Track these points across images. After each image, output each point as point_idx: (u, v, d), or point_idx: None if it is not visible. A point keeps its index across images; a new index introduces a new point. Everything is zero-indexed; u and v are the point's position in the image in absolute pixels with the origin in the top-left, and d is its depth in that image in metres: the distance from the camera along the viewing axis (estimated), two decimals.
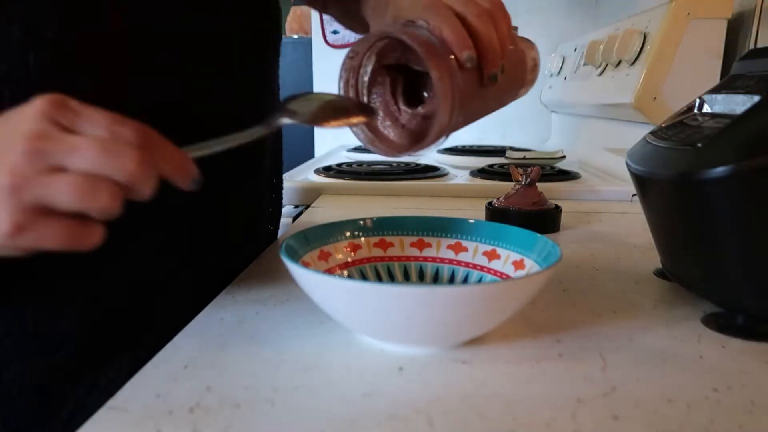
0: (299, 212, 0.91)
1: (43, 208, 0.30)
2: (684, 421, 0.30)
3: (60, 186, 0.30)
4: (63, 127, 0.31)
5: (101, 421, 0.30)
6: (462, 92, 0.42)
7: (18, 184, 0.29)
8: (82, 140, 0.30)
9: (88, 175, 0.30)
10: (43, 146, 0.30)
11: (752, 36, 0.86)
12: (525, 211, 0.72)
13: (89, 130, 0.31)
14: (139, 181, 0.31)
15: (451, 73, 0.41)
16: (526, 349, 0.39)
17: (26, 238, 0.30)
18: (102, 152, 0.30)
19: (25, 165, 0.29)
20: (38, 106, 0.31)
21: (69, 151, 0.30)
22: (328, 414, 0.31)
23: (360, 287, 0.35)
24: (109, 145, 0.30)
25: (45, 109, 0.31)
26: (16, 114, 0.32)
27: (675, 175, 0.41)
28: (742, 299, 0.41)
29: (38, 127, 0.30)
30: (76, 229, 0.31)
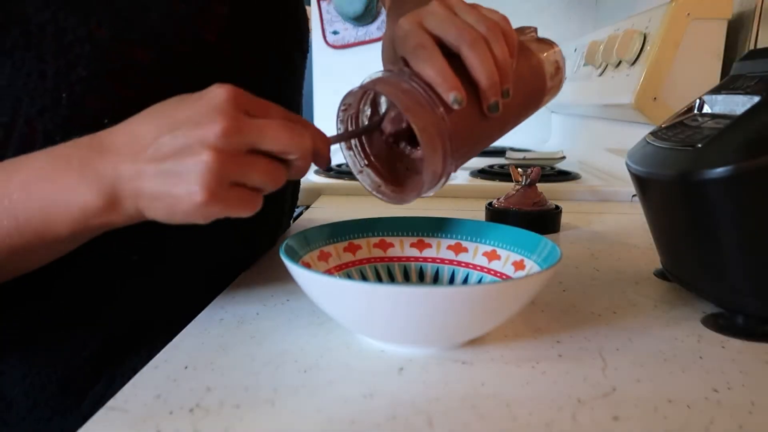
0: (299, 212, 0.91)
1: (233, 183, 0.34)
2: (684, 421, 0.30)
3: (254, 169, 0.34)
4: (246, 111, 0.35)
5: (101, 421, 0.30)
6: (453, 136, 0.39)
7: (219, 160, 0.33)
8: (270, 123, 0.35)
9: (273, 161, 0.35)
10: (239, 126, 0.33)
11: (752, 36, 0.86)
12: (525, 212, 0.72)
13: (268, 114, 0.36)
14: (309, 156, 0.36)
15: (436, 122, 0.38)
16: (526, 350, 0.39)
17: (215, 209, 0.34)
18: (288, 134, 0.35)
19: (224, 143, 0.33)
20: (223, 93, 0.34)
21: (261, 132, 0.34)
22: (328, 414, 0.31)
23: (360, 287, 0.35)
24: (290, 127, 0.35)
25: (230, 95, 0.34)
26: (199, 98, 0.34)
27: (675, 175, 0.41)
28: (742, 299, 0.41)
29: (231, 111, 0.33)
30: (253, 199, 0.36)
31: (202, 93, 0.35)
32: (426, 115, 0.38)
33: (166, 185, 0.33)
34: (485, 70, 0.39)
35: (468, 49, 0.39)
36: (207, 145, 0.32)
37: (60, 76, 0.41)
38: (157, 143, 0.33)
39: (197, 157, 0.32)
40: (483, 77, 0.39)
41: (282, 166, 0.36)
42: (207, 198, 0.33)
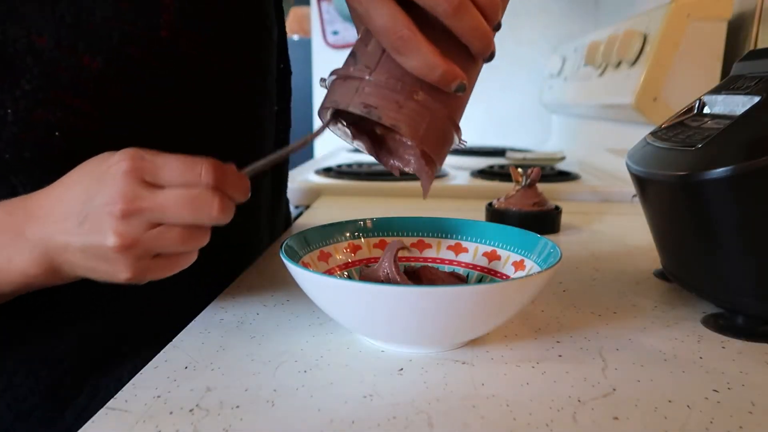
0: (299, 213, 0.91)
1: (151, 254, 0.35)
2: (684, 421, 0.30)
3: (166, 241, 0.35)
4: (148, 183, 0.34)
5: (102, 421, 0.30)
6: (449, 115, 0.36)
7: (128, 244, 0.33)
8: (170, 197, 0.34)
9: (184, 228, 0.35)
10: (139, 207, 0.33)
11: (752, 37, 0.86)
12: (525, 212, 0.72)
13: (171, 180, 0.34)
14: (222, 219, 0.35)
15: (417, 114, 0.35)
16: (526, 350, 0.39)
17: (146, 279, 0.36)
18: (189, 207, 0.34)
19: (128, 227, 0.33)
20: (121, 165, 0.34)
21: (161, 210, 0.34)
22: (328, 414, 0.31)
23: (360, 288, 0.35)
24: (194, 199, 0.34)
25: (128, 167, 0.34)
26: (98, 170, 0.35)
27: (675, 175, 0.41)
28: (742, 299, 0.41)
29: (128, 189, 0.33)
30: (181, 259, 0.37)
31: (108, 161, 0.35)
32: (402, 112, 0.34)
33: (94, 264, 0.35)
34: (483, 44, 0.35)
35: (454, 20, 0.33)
36: (110, 229, 0.33)
37: (3, 92, 0.39)
38: (73, 218, 0.34)
39: (106, 243, 0.33)
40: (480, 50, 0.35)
41: (197, 229, 0.35)
42: (130, 276, 0.35)
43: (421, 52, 0.33)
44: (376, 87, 0.35)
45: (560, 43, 1.60)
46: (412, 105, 0.35)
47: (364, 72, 0.35)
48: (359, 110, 0.34)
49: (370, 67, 0.35)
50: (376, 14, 0.33)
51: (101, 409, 0.31)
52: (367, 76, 0.35)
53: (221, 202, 0.35)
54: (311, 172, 1.17)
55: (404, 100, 0.34)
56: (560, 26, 1.74)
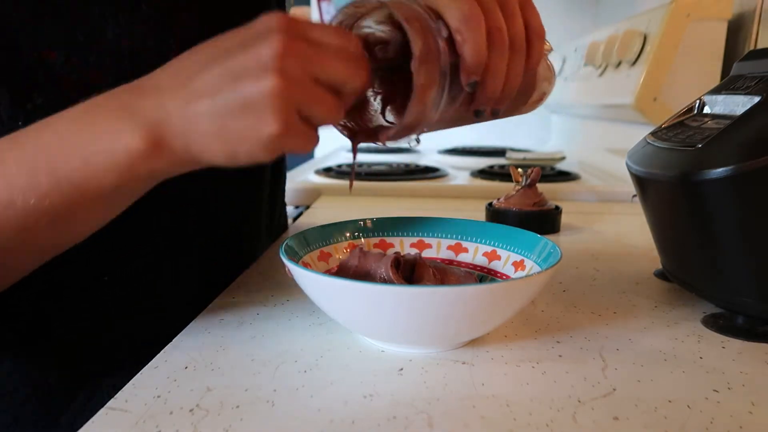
0: (299, 213, 0.91)
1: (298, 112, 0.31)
2: (684, 421, 0.30)
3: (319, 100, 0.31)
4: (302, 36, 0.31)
5: (102, 421, 0.30)
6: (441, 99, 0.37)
7: (287, 86, 0.30)
8: (327, 49, 0.31)
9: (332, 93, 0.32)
10: (302, 47, 0.30)
11: (752, 37, 0.86)
12: (525, 212, 0.72)
13: (327, 39, 0.32)
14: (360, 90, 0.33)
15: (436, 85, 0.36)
16: (526, 350, 0.39)
17: (287, 143, 0.31)
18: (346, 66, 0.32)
19: (290, 65, 0.30)
20: (273, 18, 0.31)
21: (322, 59, 0.31)
22: (328, 414, 0.31)
23: (360, 287, 0.35)
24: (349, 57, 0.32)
25: (282, 19, 0.31)
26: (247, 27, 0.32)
27: (675, 175, 0.41)
28: (742, 299, 0.41)
29: (287, 32, 0.30)
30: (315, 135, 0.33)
31: (249, 25, 0.31)
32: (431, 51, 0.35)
33: (225, 120, 0.30)
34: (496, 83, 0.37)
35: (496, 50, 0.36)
36: (270, 67, 0.29)
37: (15, 105, 0.39)
38: (206, 73, 0.30)
39: (261, 84, 0.29)
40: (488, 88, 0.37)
41: (339, 100, 0.33)
42: (281, 129, 0.30)
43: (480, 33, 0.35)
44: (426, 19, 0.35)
45: (560, 43, 1.60)
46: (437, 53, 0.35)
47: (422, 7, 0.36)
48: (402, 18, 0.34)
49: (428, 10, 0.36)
50: None
51: (101, 409, 0.31)
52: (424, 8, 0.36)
53: (367, 70, 0.33)
54: (311, 172, 1.17)
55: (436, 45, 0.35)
56: (560, 26, 1.74)
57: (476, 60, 0.35)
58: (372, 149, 1.55)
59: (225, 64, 0.30)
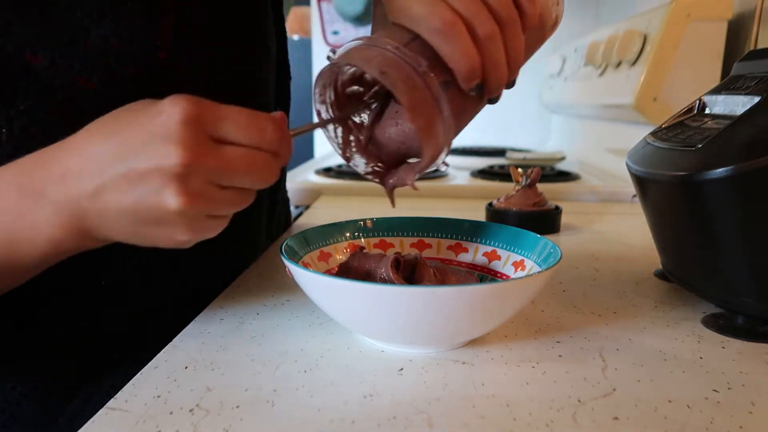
0: (299, 213, 0.91)
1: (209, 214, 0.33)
2: (684, 421, 0.30)
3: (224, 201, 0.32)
4: (208, 135, 0.31)
5: (102, 421, 0.30)
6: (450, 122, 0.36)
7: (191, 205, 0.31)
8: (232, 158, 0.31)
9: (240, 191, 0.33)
10: (203, 163, 0.30)
11: (752, 37, 0.86)
12: (525, 212, 0.72)
13: (236, 136, 0.32)
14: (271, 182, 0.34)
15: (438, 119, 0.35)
16: (526, 350, 0.39)
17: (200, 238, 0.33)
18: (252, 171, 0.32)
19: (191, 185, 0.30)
20: (176, 112, 0.30)
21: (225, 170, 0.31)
22: (328, 414, 0.31)
23: (360, 287, 0.35)
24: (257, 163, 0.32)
25: (187, 114, 0.30)
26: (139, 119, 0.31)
27: (675, 175, 0.41)
28: (743, 300, 0.41)
29: (190, 140, 0.30)
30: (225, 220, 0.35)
31: (155, 109, 0.31)
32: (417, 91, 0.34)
33: (143, 227, 0.32)
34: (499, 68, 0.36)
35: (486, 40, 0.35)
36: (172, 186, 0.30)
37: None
38: (112, 172, 0.31)
39: (168, 203, 0.30)
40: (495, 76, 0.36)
41: (249, 193, 0.34)
42: (191, 236, 0.33)
43: (462, 40, 0.33)
44: (399, 60, 0.34)
45: (560, 43, 1.60)
46: (424, 91, 0.34)
47: (388, 44, 0.35)
48: (376, 72, 0.34)
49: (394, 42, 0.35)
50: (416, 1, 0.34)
51: (101, 409, 0.31)
52: (393, 48, 0.35)
53: (278, 166, 0.33)
54: (311, 172, 1.17)
55: (421, 82, 0.34)
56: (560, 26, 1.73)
57: (468, 67, 0.35)
58: None
59: (129, 165, 0.30)
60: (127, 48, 0.42)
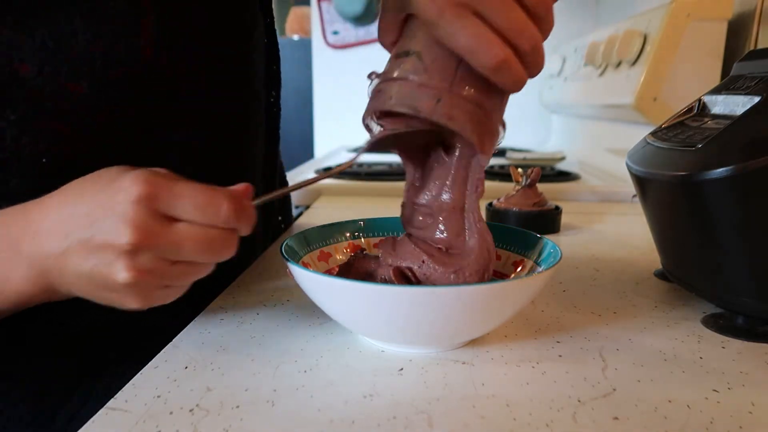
0: (299, 213, 0.91)
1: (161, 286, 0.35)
2: (684, 421, 0.30)
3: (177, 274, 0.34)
4: (161, 214, 0.32)
5: (102, 421, 0.30)
6: None
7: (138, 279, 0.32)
8: (187, 235, 0.32)
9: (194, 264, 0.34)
10: (151, 242, 0.32)
11: (752, 37, 0.86)
12: (525, 212, 0.72)
13: (189, 215, 0.32)
14: (227, 257, 0.34)
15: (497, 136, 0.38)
16: (526, 350, 0.39)
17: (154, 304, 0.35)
18: (207, 249, 0.33)
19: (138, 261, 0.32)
20: (132, 191, 0.31)
21: (176, 248, 0.32)
22: (328, 414, 0.31)
23: (360, 287, 0.35)
24: (212, 242, 0.33)
25: (140, 194, 0.31)
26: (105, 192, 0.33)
27: (675, 175, 0.41)
28: (743, 300, 0.41)
29: (140, 220, 0.31)
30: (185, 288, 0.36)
31: (116, 185, 0.32)
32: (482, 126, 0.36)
33: (98, 291, 0.34)
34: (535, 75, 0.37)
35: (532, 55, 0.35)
36: (122, 264, 0.32)
37: None
38: (75, 238, 0.33)
39: (117, 276, 0.32)
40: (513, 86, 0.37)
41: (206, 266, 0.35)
42: (142, 306, 0.34)
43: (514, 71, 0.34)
44: (457, 99, 0.35)
45: (560, 43, 1.60)
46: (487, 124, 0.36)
47: (443, 82, 0.35)
48: (443, 120, 0.34)
49: (447, 78, 0.35)
50: (463, 33, 0.33)
51: (101, 409, 0.31)
52: (447, 86, 0.35)
53: (234, 242, 0.34)
54: (311, 172, 1.17)
55: (484, 118, 0.36)
56: (560, 26, 1.73)
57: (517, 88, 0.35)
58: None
59: (89, 234, 0.32)
60: (113, 49, 0.42)
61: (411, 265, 0.40)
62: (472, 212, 0.40)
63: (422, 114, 0.35)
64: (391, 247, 0.42)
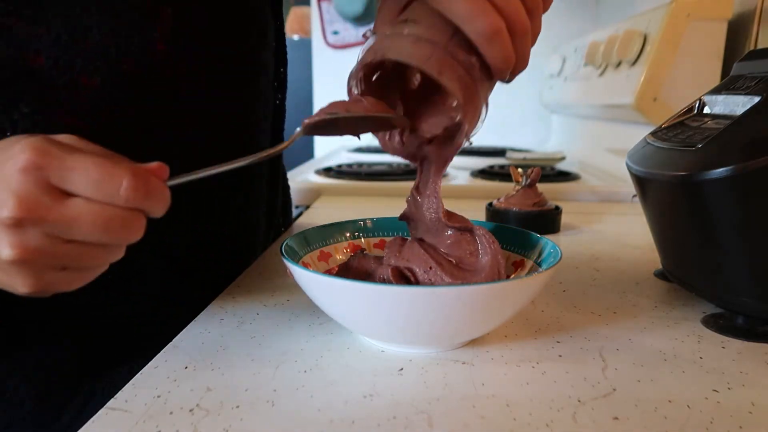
0: (299, 213, 0.91)
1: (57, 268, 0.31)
2: (684, 421, 0.30)
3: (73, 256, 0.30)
4: (52, 186, 0.29)
5: (102, 421, 0.30)
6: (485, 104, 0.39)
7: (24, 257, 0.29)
8: (80, 212, 0.29)
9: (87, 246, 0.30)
10: (38, 216, 0.28)
11: (752, 37, 0.86)
12: (525, 212, 0.72)
13: (84, 189, 0.29)
14: (131, 240, 0.31)
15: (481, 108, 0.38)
16: (526, 350, 0.39)
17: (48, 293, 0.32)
18: (104, 228, 0.29)
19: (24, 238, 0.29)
20: (20, 159, 0.29)
21: (67, 225, 0.29)
22: (328, 414, 0.31)
23: (360, 287, 0.35)
24: (109, 220, 0.29)
25: (27, 163, 0.28)
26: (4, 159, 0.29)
27: (675, 175, 0.41)
28: (742, 300, 0.41)
29: (25, 192, 0.28)
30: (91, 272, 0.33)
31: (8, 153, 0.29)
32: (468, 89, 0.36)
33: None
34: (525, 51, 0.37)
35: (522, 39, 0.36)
36: (5, 240, 0.29)
37: (2, 114, 0.38)
38: None
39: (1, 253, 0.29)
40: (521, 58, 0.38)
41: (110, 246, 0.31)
42: (31, 291, 0.31)
43: (505, 44, 0.35)
44: (450, 59, 0.36)
45: (560, 43, 1.60)
46: (474, 95, 0.37)
47: (438, 43, 0.36)
48: (434, 73, 0.35)
49: (442, 41, 0.36)
50: (462, 1, 0.34)
51: (101, 408, 0.31)
52: (441, 46, 0.36)
53: (140, 223, 0.30)
54: (311, 172, 1.17)
55: (467, 75, 0.36)
56: (560, 26, 1.74)
57: (506, 66, 0.36)
58: (373, 149, 1.55)
59: None
60: (127, 42, 0.42)
61: (415, 269, 0.40)
62: (485, 234, 0.41)
63: (414, 62, 0.35)
64: (397, 248, 0.42)
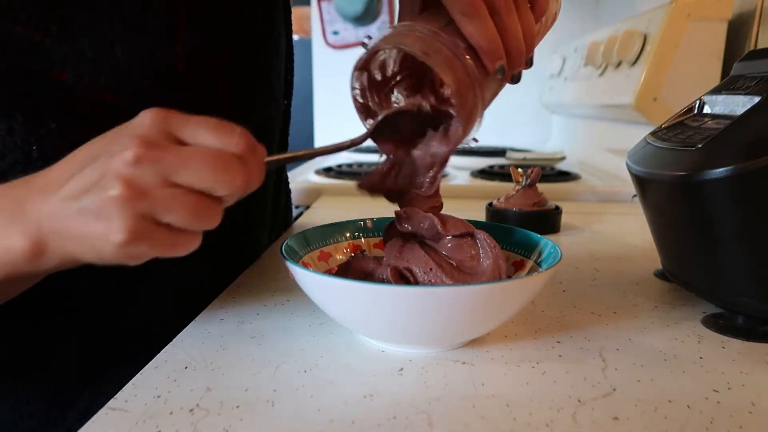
0: (299, 213, 0.91)
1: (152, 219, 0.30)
2: (684, 421, 0.30)
3: (173, 206, 0.30)
4: (172, 136, 0.30)
5: (102, 421, 0.30)
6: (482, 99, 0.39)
7: (133, 194, 0.29)
8: (193, 152, 0.30)
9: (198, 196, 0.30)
10: (156, 155, 0.29)
11: (752, 37, 0.86)
12: (525, 212, 0.72)
13: (198, 138, 0.31)
14: (238, 194, 0.31)
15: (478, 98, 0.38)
16: (526, 350, 0.39)
17: (140, 250, 0.30)
18: (213, 167, 0.30)
19: (137, 174, 0.29)
20: (145, 117, 0.30)
21: (182, 164, 0.29)
22: (328, 414, 0.31)
23: (360, 287, 0.35)
24: (218, 161, 0.30)
25: (152, 119, 0.30)
26: (125, 126, 0.31)
27: (675, 175, 0.41)
28: (742, 300, 0.41)
29: (148, 134, 0.29)
30: (181, 237, 0.31)
31: (130, 122, 0.31)
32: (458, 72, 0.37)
33: (85, 225, 0.30)
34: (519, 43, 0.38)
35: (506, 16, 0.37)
36: (117, 176, 0.29)
37: (28, 129, 0.38)
38: (74, 178, 0.30)
39: (107, 192, 0.29)
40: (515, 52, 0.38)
41: (211, 203, 0.31)
42: (127, 238, 0.29)
43: (485, 22, 0.36)
44: (439, 43, 0.37)
45: (560, 43, 1.60)
46: (462, 69, 0.37)
47: (428, 29, 0.37)
48: (419, 53, 0.36)
49: (436, 28, 0.37)
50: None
51: (102, 408, 0.31)
52: (430, 32, 0.37)
53: (245, 177, 0.31)
54: (311, 172, 1.17)
55: (460, 64, 0.37)
56: (560, 26, 1.73)
57: (490, 44, 0.37)
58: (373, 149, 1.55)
59: (90, 168, 0.30)
60: (149, 62, 0.42)
61: (415, 270, 0.40)
62: (486, 239, 0.42)
63: (405, 47, 0.36)
64: (398, 249, 0.42)
